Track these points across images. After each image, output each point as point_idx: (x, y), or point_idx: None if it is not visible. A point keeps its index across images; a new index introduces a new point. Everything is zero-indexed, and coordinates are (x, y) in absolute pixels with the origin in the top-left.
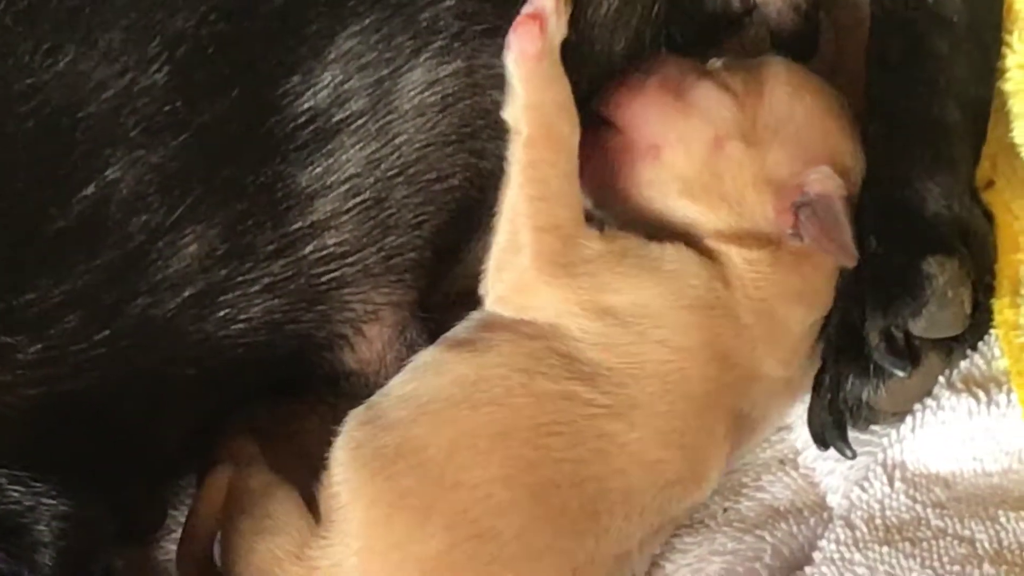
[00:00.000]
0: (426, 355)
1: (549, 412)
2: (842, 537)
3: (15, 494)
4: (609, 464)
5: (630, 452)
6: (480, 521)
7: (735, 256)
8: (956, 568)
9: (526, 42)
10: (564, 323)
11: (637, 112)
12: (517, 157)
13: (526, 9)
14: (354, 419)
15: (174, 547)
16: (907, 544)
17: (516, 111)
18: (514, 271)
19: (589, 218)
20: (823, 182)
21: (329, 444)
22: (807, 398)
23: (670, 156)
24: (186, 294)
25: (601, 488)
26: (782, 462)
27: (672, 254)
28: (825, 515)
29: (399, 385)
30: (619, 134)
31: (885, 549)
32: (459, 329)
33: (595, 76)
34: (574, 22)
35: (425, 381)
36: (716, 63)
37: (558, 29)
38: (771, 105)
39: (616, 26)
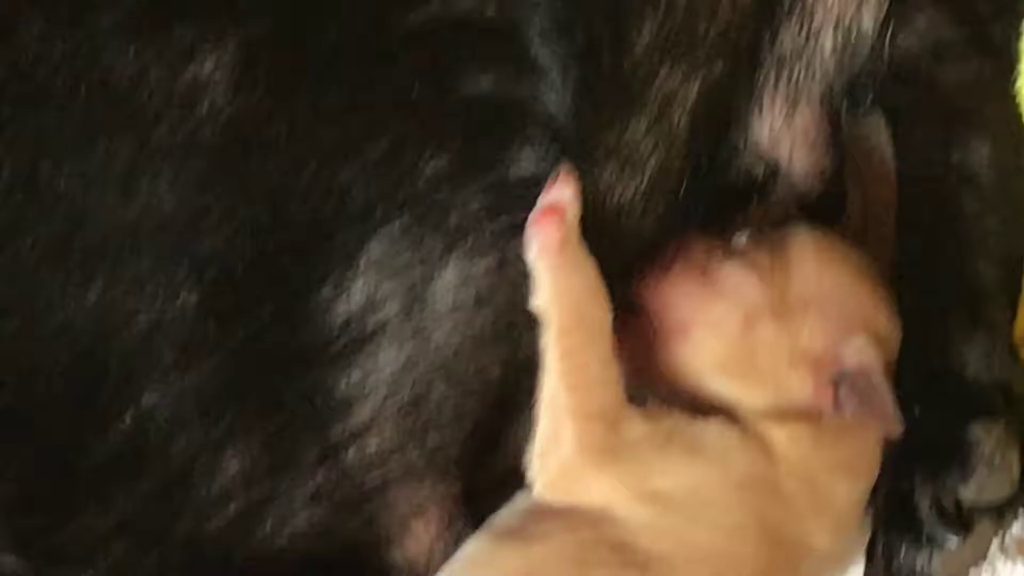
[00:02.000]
0: (474, 544)
1: None
2: None
3: None
4: None
5: None
6: None
7: (776, 433)
8: None
9: (546, 234)
10: (613, 509)
11: (664, 296)
12: (551, 346)
13: (542, 203)
14: None
15: None
16: None
17: (545, 301)
18: (558, 459)
19: (630, 397)
20: (860, 354)
21: None
22: (861, 566)
23: (700, 336)
24: (231, 510)
25: None
26: None
27: (715, 432)
28: None
29: None
30: (649, 317)
31: None
32: (506, 515)
33: (626, 257)
34: (601, 207)
35: (475, 573)
36: (741, 239)
37: (575, 213)
38: (799, 278)
39: (645, 207)
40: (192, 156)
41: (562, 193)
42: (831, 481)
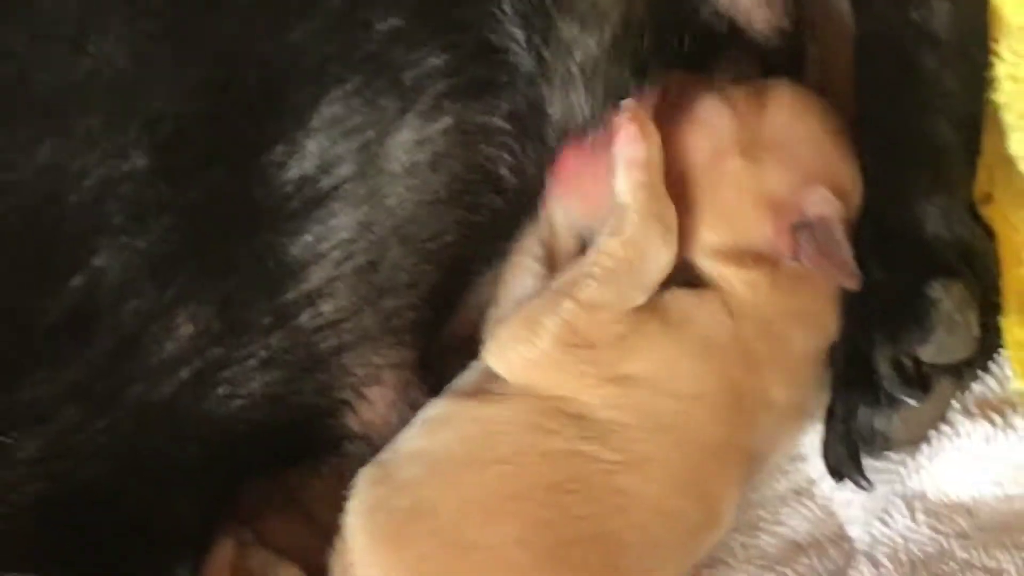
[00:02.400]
0: (433, 408)
1: (561, 470)
2: (867, 575)
3: None
4: (627, 519)
5: (647, 505)
6: None
7: (734, 279)
8: None
9: (634, 148)
10: (575, 393)
11: (636, 120)
12: (611, 249)
13: (627, 111)
14: (365, 479)
15: None
16: None
17: (624, 209)
18: (530, 349)
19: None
20: (823, 204)
21: (336, 508)
22: (820, 427)
23: (671, 163)
24: (183, 375)
25: (620, 543)
26: (798, 493)
27: (673, 301)
28: (846, 546)
29: (408, 441)
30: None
31: None
32: (465, 379)
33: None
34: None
35: (433, 438)
36: (724, 78)
37: (659, 144)
38: (773, 122)
39: (608, 64)
40: (143, 13)
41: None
42: (787, 329)
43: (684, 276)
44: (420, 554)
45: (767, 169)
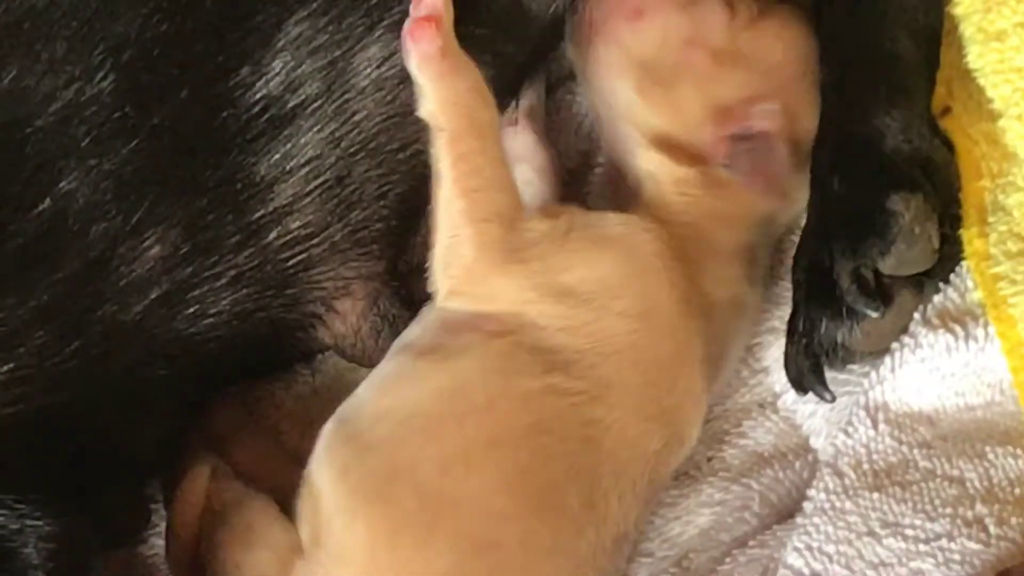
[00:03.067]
0: (392, 365)
1: (534, 411)
2: (831, 486)
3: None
4: (598, 450)
5: (615, 432)
6: (483, 534)
7: (665, 175)
8: (948, 510)
9: (425, 43)
10: (523, 311)
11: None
12: (444, 153)
13: (416, 11)
14: (330, 439)
15: (161, 542)
16: (897, 488)
17: (433, 110)
18: (461, 265)
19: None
20: (769, 118)
21: (305, 428)
22: (782, 340)
23: (645, 30)
24: (152, 296)
25: (594, 476)
26: (762, 406)
27: (613, 217)
28: (810, 458)
29: (372, 399)
30: None
31: (876, 495)
32: (418, 332)
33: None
34: None
35: (400, 394)
36: None
37: (449, 16)
38: (757, 39)
39: None
40: None
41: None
42: (713, 229)
43: (618, 192)
44: (403, 512)
45: (730, 77)
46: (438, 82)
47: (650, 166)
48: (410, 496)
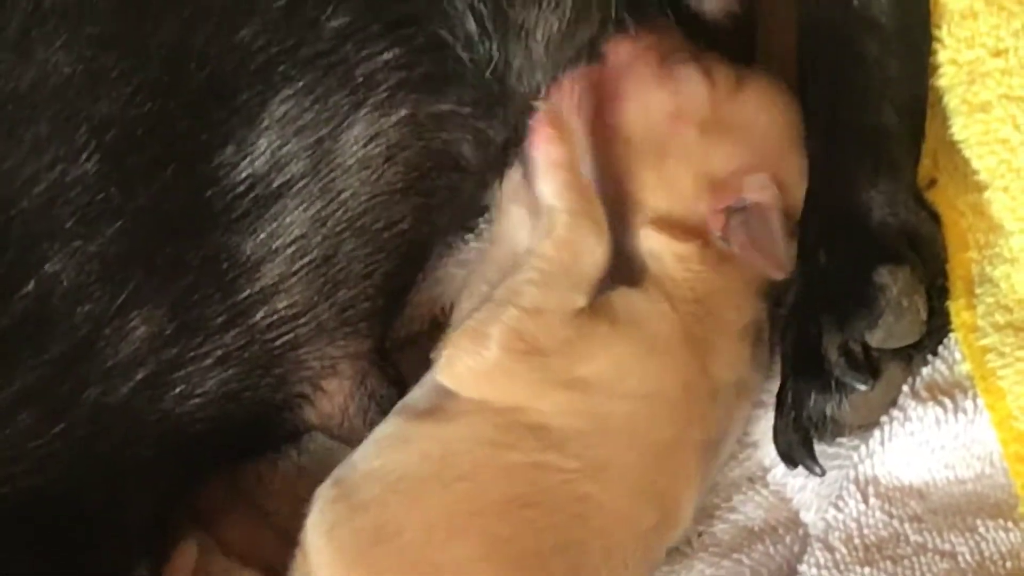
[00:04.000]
0: (389, 426)
1: (521, 484)
2: (822, 560)
3: None
4: (588, 526)
5: (607, 510)
6: None
7: (666, 251)
8: None
9: (550, 149)
10: (529, 401)
11: (623, 59)
12: (544, 251)
13: (543, 116)
14: (324, 498)
15: None
16: (888, 563)
17: (552, 208)
18: (478, 359)
19: None
20: (761, 191)
21: (294, 506)
22: (771, 414)
23: (631, 111)
24: (139, 377)
25: (583, 551)
26: (752, 480)
27: (618, 300)
28: (800, 532)
29: (365, 460)
30: (604, 73)
31: (867, 570)
32: (419, 396)
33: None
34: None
35: (392, 456)
36: (713, 52)
37: (579, 128)
38: (741, 107)
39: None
40: (88, 17)
41: (564, 106)
42: (718, 307)
43: (624, 270)
44: (388, 574)
45: (718, 148)
46: (564, 193)
47: (651, 244)
48: (394, 559)
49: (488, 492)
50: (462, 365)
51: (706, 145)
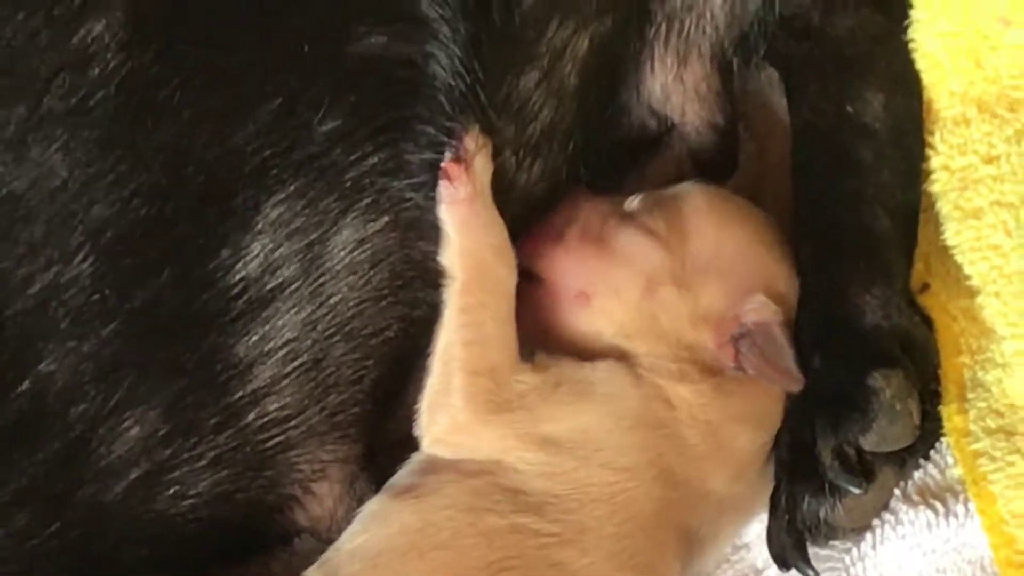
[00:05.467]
0: (373, 505)
1: (499, 548)
2: None
3: None
4: None
5: None
6: None
7: (682, 391)
8: None
9: (455, 188)
10: (505, 459)
11: (560, 264)
12: (452, 301)
13: (449, 155)
14: None
15: None
16: None
17: (451, 256)
18: (448, 414)
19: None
20: (759, 311)
21: None
22: (764, 516)
23: (601, 304)
24: (132, 477)
25: None
26: None
27: (605, 376)
28: None
29: (349, 538)
30: (544, 284)
31: None
32: (402, 474)
33: (515, 213)
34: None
35: (374, 532)
36: (634, 201)
37: (484, 169)
38: (697, 241)
39: (536, 163)
40: (84, 121)
41: (471, 148)
42: (733, 431)
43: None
44: None
45: (701, 289)
46: (462, 229)
47: (665, 388)
48: None
49: (467, 558)
50: (438, 423)
51: (688, 294)
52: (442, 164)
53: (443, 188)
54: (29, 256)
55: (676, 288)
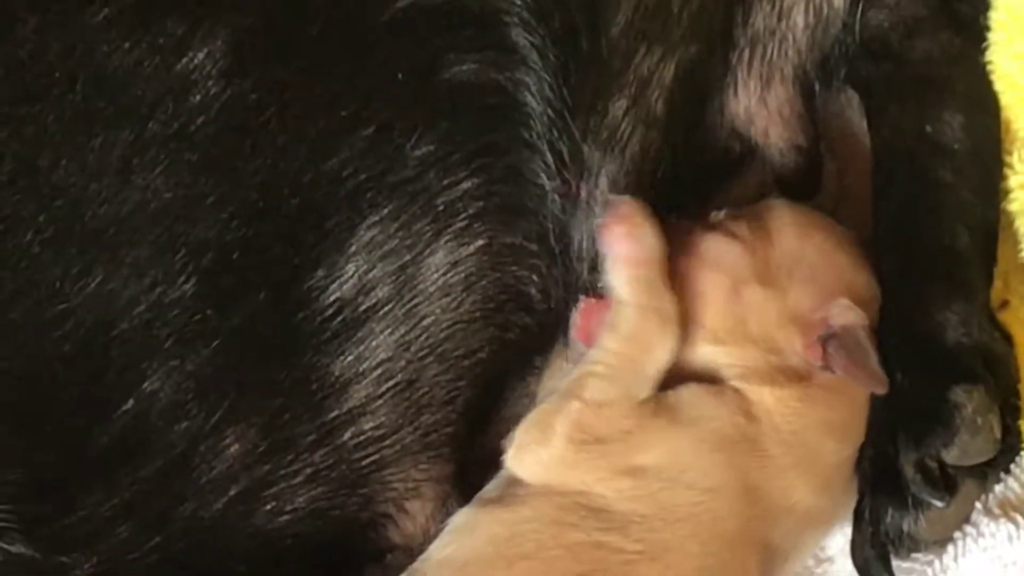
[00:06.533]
0: (461, 516)
1: (584, 562)
2: None
3: None
4: None
5: None
6: None
7: (764, 394)
8: None
9: (623, 246)
10: (592, 486)
11: (627, 216)
12: (605, 344)
13: (611, 210)
14: None
15: None
16: None
17: (619, 305)
18: (545, 451)
19: None
20: (846, 313)
21: None
22: (847, 529)
23: (690, 310)
24: (232, 493)
25: None
26: None
27: (689, 399)
28: None
29: (438, 549)
30: None
31: None
32: (490, 487)
33: None
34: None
35: (462, 543)
36: (719, 215)
37: (654, 237)
38: (781, 246)
39: (626, 189)
40: (186, 146)
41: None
42: (818, 441)
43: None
44: None
45: (787, 290)
46: (632, 288)
47: (745, 391)
48: None
49: (553, 570)
50: (530, 455)
51: (775, 293)
52: (608, 216)
53: (611, 242)
54: (135, 277)
55: (762, 287)
